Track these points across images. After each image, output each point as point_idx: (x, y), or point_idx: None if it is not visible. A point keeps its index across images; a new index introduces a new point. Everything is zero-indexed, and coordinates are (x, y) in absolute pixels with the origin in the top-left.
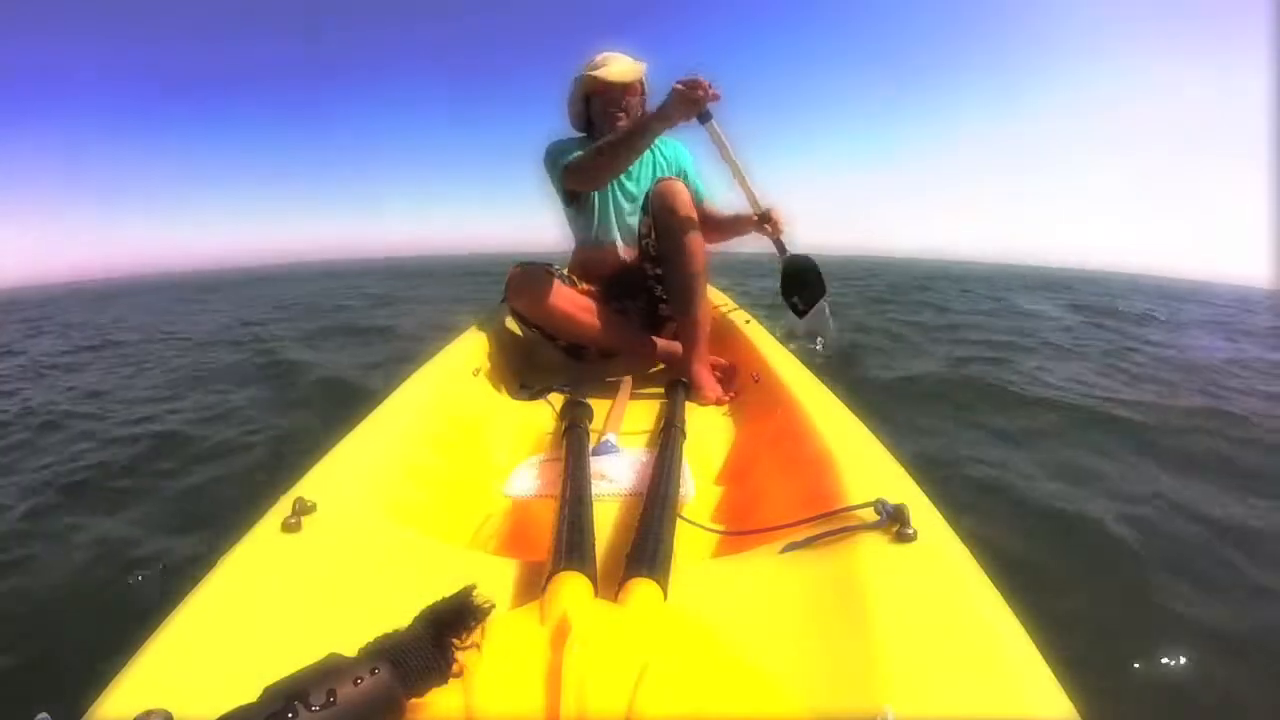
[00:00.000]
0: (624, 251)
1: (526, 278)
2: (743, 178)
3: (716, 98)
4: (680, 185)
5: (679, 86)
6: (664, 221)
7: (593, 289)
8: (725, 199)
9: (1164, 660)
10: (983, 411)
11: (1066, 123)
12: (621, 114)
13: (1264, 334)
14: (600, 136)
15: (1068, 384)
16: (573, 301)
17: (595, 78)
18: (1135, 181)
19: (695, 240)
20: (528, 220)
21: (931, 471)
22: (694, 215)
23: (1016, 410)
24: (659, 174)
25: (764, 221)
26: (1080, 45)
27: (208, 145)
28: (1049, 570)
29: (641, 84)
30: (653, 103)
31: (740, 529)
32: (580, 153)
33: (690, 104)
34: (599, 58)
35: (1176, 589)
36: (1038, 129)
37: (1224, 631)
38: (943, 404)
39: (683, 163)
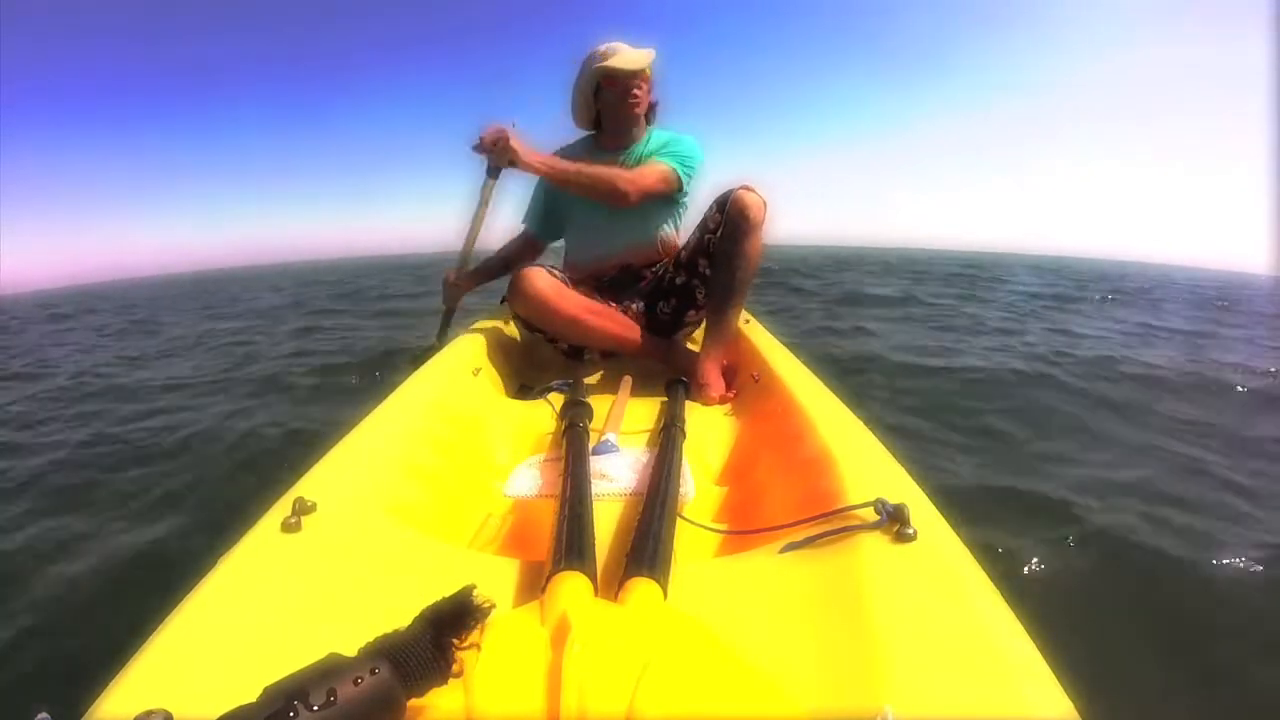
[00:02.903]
0: (625, 254)
1: (529, 282)
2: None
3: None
4: (758, 198)
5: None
6: (736, 225)
7: (594, 290)
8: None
9: (1164, 659)
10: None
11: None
12: (635, 101)
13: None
14: (612, 127)
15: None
16: (577, 304)
17: (607, 68)
18: (1131, 169)
19: (757, 249)
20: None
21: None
22: (763, 226)
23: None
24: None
25: None
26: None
27: (200, 142)
28: (1048, 570)
29: (649, 70)
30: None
31: (740, 529)
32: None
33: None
34: (605, 48)
35: (1176, 587)
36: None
37: (1224, 630)
38: None
39: (678, 143)
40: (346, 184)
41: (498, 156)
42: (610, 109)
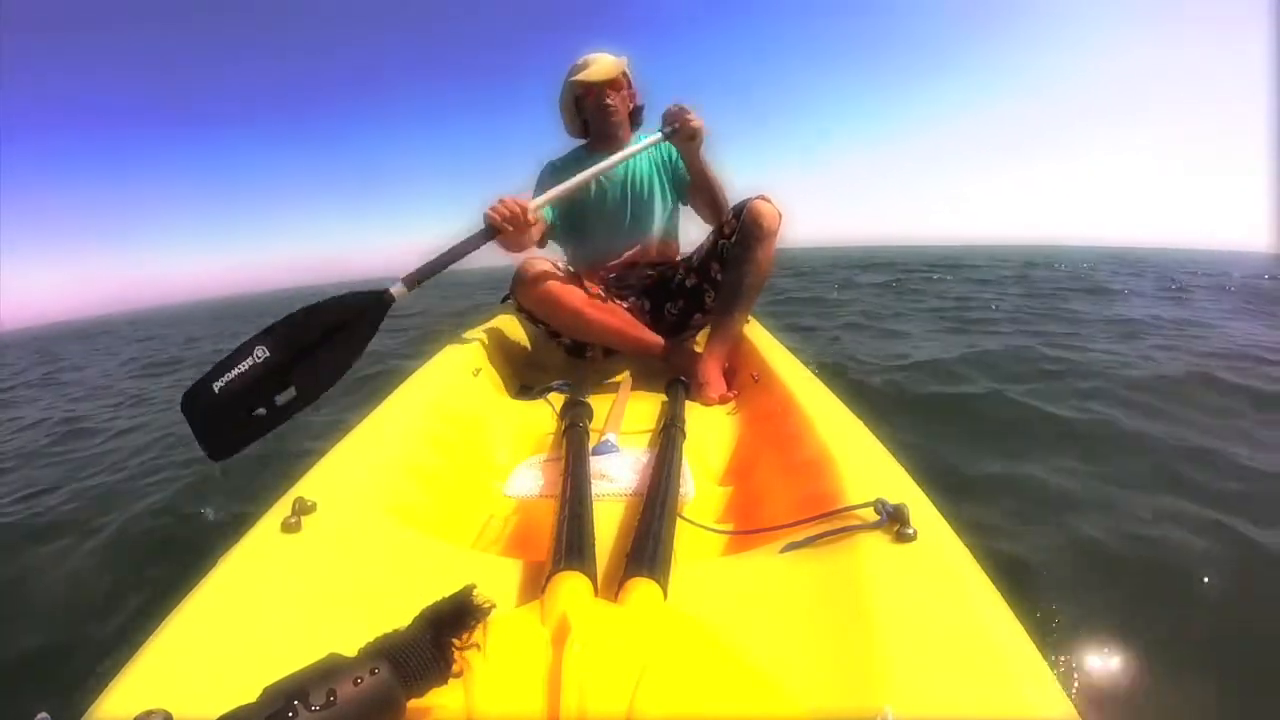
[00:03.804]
0: (632, 252)
1: (534, 273)
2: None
3: None
4: (773, 209)
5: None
6: (750, 232)
7: (597, 287)
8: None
9: (1164, 660)
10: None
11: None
12: (612, 109)
13: None
14: (599, 134)
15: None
16: (580, 298)
17: (579, 81)
18: (1134, 155)
19: (768, 257)
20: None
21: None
22: (776, 236)
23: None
24: (654, 170)
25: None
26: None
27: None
28: (1048, 570)
29: (626, 77)
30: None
31: (740, 529)
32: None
33: None
34: (580, 61)
35: (1177, 588)
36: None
37: (1224, 631)
38: None
39: (667, 159)
40: (359, 203)
41: (685, 127)
42: (592, 119)
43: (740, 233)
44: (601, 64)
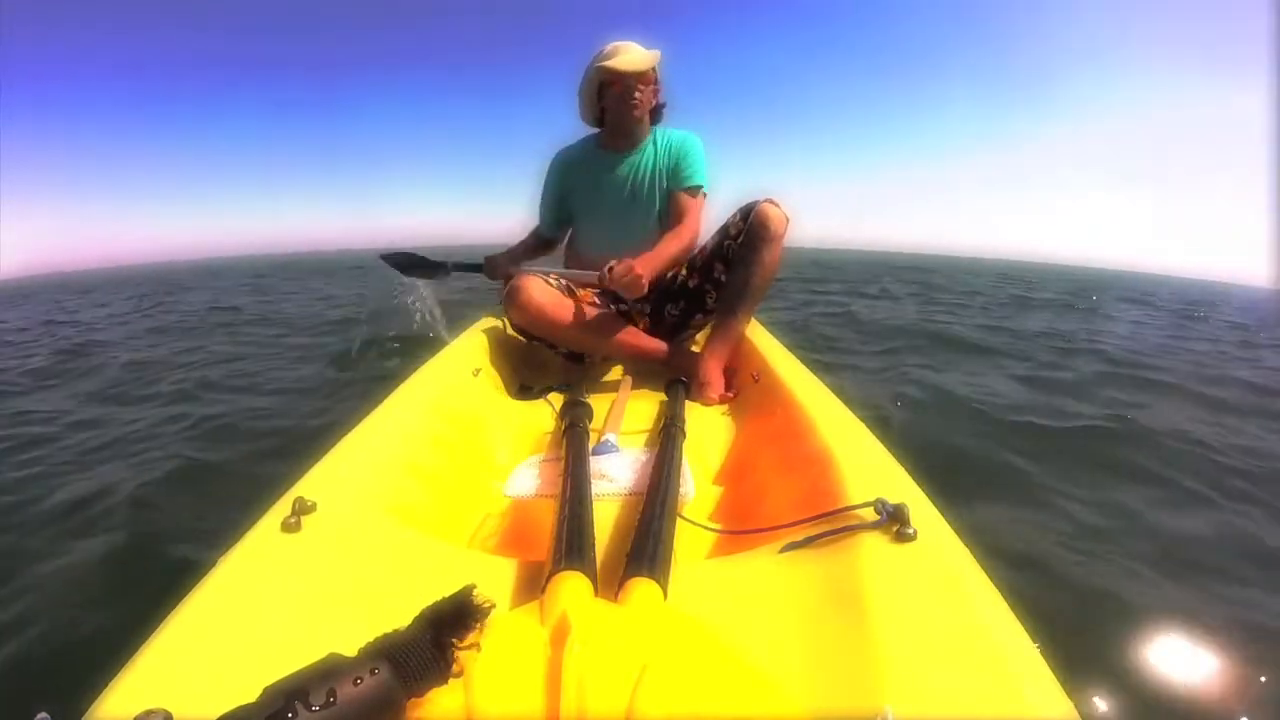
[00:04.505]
0: (633, 253)
1: (525, 296)
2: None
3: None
4: (781, 213)
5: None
6: (757, 234)
7: (593, 294)
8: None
9: (1164, 660)
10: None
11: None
12: (636, 103)
13: None
14: (614, 127)
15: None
16: (574, 316)
17: (608, 68)
18: (1139, 191)
19: (774, 260)
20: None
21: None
22: (783, 239)
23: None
24: (658, 172)
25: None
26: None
27: (199, 137)
28: (1049, 570)
29: (654, 72)
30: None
31: (740, 528)
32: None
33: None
34: (610, 47)
35: (1177, 588)
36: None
37: (1225, 631)
38: None
39: (684, 155)
40: (354, 180)
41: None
42: (612, 109)
43: (747, 234)
44: (633, 54)
